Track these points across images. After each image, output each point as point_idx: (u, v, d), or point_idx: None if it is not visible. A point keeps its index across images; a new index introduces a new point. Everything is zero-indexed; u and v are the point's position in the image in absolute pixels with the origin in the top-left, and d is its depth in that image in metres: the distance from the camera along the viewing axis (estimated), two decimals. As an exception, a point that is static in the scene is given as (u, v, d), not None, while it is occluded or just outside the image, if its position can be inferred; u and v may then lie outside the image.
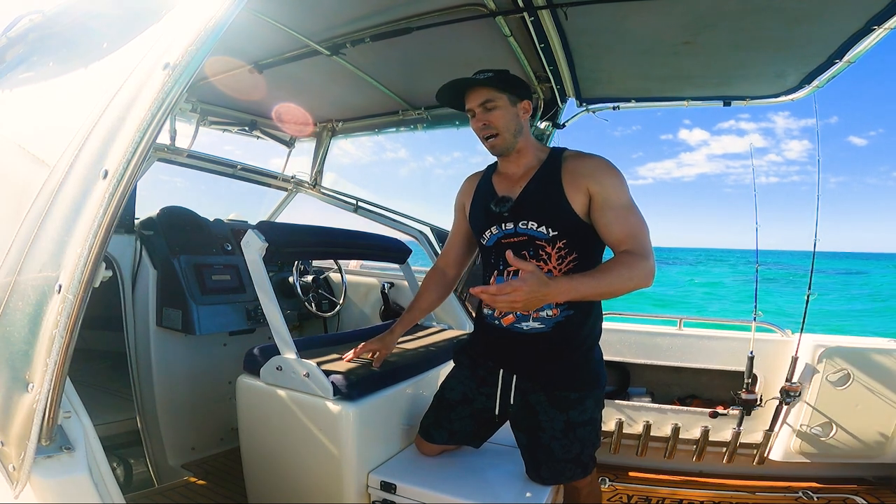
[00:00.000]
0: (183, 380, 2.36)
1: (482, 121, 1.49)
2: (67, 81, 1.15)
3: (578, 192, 1.43)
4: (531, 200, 1.49)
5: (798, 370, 2.44)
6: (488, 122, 1.48)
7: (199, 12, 0.79)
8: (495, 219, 1.53)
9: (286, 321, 1.64)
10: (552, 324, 1.47)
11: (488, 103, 1.48)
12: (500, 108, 1.48)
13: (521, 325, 1.49)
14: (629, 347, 2.75)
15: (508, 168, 1.59)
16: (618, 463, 2.71)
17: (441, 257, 1.87)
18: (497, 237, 1.53)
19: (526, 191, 1.50)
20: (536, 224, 1.46)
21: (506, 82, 1.50)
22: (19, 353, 0.85)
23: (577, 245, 1.45)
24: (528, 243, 1.48)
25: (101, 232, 0.76)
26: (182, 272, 2.30)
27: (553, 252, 1.45)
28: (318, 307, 3.00)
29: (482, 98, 1.48)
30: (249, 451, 1.76)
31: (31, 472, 0.79)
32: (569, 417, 1.48)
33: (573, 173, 1.46)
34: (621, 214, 1.40)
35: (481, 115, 1.49)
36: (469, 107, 1.52)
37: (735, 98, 2.42)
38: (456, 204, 1.78)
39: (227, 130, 3.22)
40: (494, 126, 1.48)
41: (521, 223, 1.49)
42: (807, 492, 2.40)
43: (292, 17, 2.03)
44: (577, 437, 1.49)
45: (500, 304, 1.20)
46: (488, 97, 1.48)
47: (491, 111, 1.48)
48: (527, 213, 1.48)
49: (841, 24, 1.74)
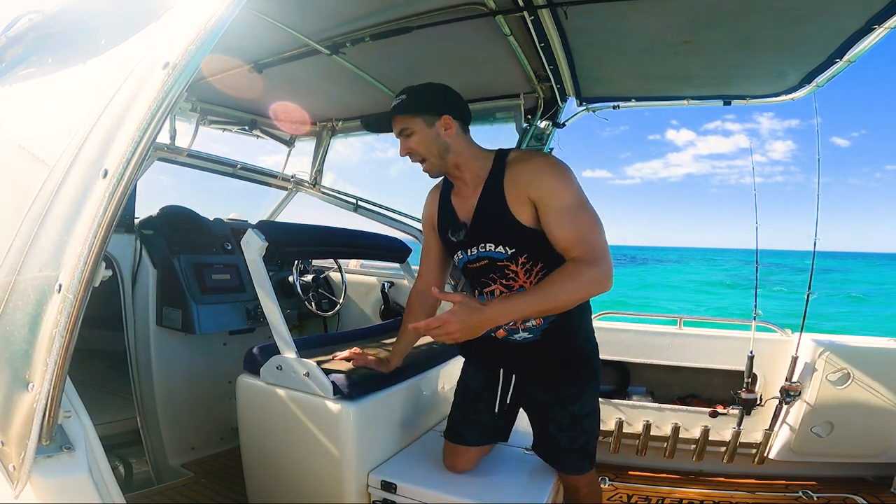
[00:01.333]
0: (183, 379, 2.36)
1: (405, 149, 1.44)
2: (67, 81, 1.15)
3: (522, 203, 1.37)
4: (483, 222, 1.44)
5: (798, 370, 2.44)
6: (410, 149, 1.43)
7: (198, 11, 0.79)
8: (457, 246, 1.51)
9: (286, 321, 1.64)
10: (539, 332, 1.48)
11: (405, 131, 1.43)
12: (417, 134, 1.42)
13: (513, 336, 1.50)
14: (629, 347, 2.75)
15: (458, 185, 1.52)
16: (618, 462, 2.71)
17: (419, 279, 1.74)
18: (463, 262, 1.52)
19: (477, 210, 1.45)
20: (493, 245, 1.43)
21: (415, 106, 1.42)
22: (19, 353, 0.85)
23: (540, 255, 1.40)
24: (491, 266, 1.45)
25: (101, 231, 0.76)
26: (182, 271, 2.30)
27: (518, 269, 1.43)
28: (318, 306, 3.00)
29: (399, 127, 1.44)
30: (249, 450, 1.76)
31: (32, 472, 0.79)
32: (573, 411, 1.50)
33: (514, 182, 1.39)
34: (566, 218, 1.31)
35: (403, 142, 1.44)
36: (395, 135, 1.48)
37: (735, 97, 2.42)
38: (424, 222, 1.69)
39: (227, 130, 3.22)
40: (417, 153, 1.43)
41: (480, 246, 1.46)
42: (807, 491, 2.40)
43: (292, 17, 2.03)
44: (584, 428, 1.51)
45: (437, 338, 1.20)
46: (403, 126, 1.43)
47: (409, 138, 1.43)
48: (482, 237, 1.45)
49: (841, 24, 1.74)
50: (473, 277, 1.51)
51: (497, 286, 1.47)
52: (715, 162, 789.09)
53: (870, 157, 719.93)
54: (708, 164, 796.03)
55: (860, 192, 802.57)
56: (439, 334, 1.18)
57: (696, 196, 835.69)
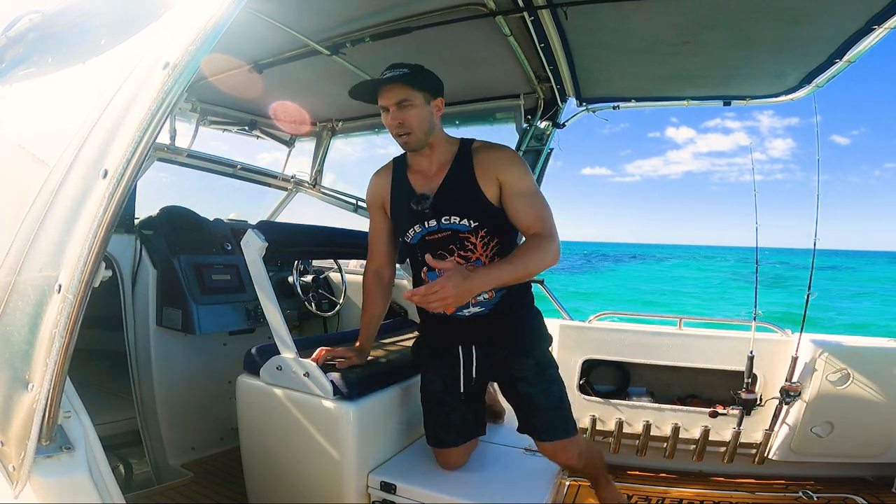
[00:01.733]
0: (183, 379, 2.36)
1: (398, 119, 1.48)
2: (67, 81, 1.15)
3: (490, 183, 1.50)
4: (450, 195, 1.53)
5: (798, 370, 2.44)
6: (403, 121, 1.48)
7: (199, 12, 0.79)
8: (417, 217, 1.56)
9: (286, 321, 1.64)
10: (490, 305, 1.56)
11: (404, 102, 1.47)
12: (416, 108, 1.48)
13: (462, 312, 1.57)
14: (629, 347, 2.75)
15: (421, 164, 1.60)
16: (618, 462, 2.71)
17: (371, 260, 1.79)
18: (421, 234, 1.57)
19: (443, 186, 1.54)
20: (458, 218, 1.52)
21: (423, 81, 1.50)
22: (19, 353, 0.85)
23: (497, 231, 1.53)
24: (452, 237, 1.53)
25: (100, 231, 0.76)
26: (182, 272, 2.30)
27: (478, 241, 1.53)
28: (318, 307, 2.99)
29: (398, 97, 1.47)
30: (249, 450, 1.76)
31: (31, 472, 0.79)
32: (536, 360, 1.59)
33: (483, 165, 1.52)
34: (529, 201, 1.49)
35: (396, 112, 1.48)
36: (383, 104, 1.50)
37: (735, 98, 2.42)
38: (370, 203, 1.73)
39: (227, 130, 3.22)
40: (409, 125, 1.48)
41: (444, 219, 1.53)
42: (807, 491, 2.40)
43: (292, 17, 2.03)
44: (551, 378, 1.59)
45: (433, 305, 1.24)
46: (405, 96, 1.47)
47: (405, 109, 1.47)
48: (447, 209, 1.52)
49: (841, 24, 1.74)
50: (430, 250, 1.51)
51: (454, 258, 1.53)
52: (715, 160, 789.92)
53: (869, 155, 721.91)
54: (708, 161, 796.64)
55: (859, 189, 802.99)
56: (435, 299, 1.23)
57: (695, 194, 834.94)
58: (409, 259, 1.70)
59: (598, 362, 2.81)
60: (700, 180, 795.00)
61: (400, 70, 1.47)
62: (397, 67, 1.48)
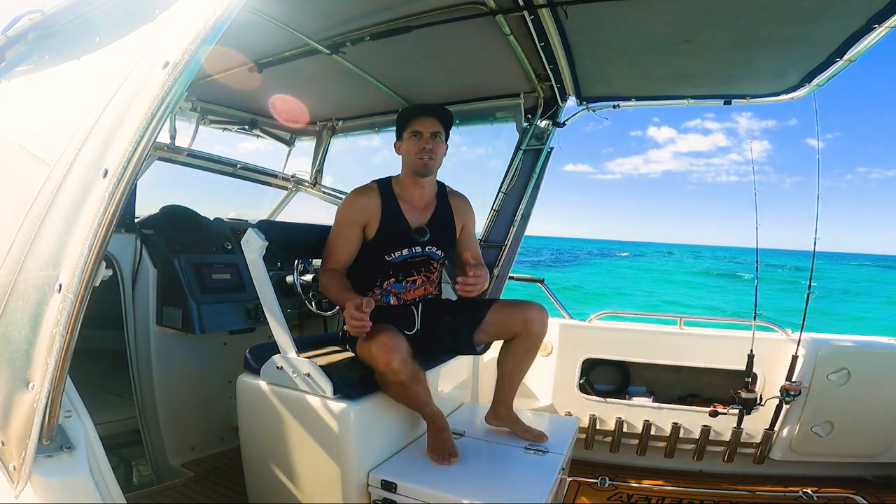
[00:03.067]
0: (183, 379, 2.36)
1: (430, 146, 1.81)
2: (67, 80, 1.15)
3: (459, 224, 2.00)
4: (439, 231, 1.91)
5: (798, 369, 2.44)
6: (434, 150, 1.82)
7: (198, 11, 0.79)
8: (409, 242, 1.85)
9: (286, 320, 1.64)
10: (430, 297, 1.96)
11: (440, 135, 1.85)
12: (442, 143, 1.87)
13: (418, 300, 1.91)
14: (629, 346, 2.75)
15: (413, 194, 1.90)
16: (618, 462, 2.71)
17: (333, 262, 1.83)
18: (406, 256, 1.86)
19: (432, 222, 1.91)
20: (437, 248, 1.92)
21: (450, 124, 1.90)
22: (20, 353, 0.85)
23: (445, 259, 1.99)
24: (424, 262, 1.90)
25: (101, 231, 0.76)
26: (182, 271, 2.30)
27: (437, 266, 1.96)
28: (319, 306, 2.99)
29: (435, 128, 1.83)
30: (250, 450, 1.76)
31: (32, 472, 0.79)
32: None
33: (458, 209, 2.00)
34: (474, 241, 2.10)
35: (430, 141, 1.81)
36: (420, 129, 1.82)
37: (735, 97, 2.42)
38: (352, 218, 1.84)
39: (227, 129, 3.21)
40: (436, 154, 1.84)
41: (428, 248, 1.89)
42: (807, 491, 2.40)
43: (292, 16, 2.03)
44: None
45: (470, 290, 1.63)
46: (439, 130, 1.84)
47: (437, 140, 1.83)
48: (435, 242, 1.90)
49: (841, 23, 1.74)
50: (404, 269, 1.87)
51: (420, 276, 1.90)
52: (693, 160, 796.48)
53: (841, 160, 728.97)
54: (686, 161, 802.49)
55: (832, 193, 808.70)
56: (477, 283, 1.63)
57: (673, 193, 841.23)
58: (368, 268, 1.87)
59: (598, 361, 2.81)
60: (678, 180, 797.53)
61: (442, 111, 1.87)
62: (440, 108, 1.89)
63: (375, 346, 1.55)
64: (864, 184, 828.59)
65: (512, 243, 2.62)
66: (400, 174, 1.93)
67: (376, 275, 1.86)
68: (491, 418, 1.96)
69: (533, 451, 1.76)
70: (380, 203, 1.84)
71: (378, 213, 1.83)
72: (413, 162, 1.83)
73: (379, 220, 1.83)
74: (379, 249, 1.84)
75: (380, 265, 1.85)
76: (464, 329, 1.87)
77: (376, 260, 1.85)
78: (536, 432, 1.87)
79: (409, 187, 1.89)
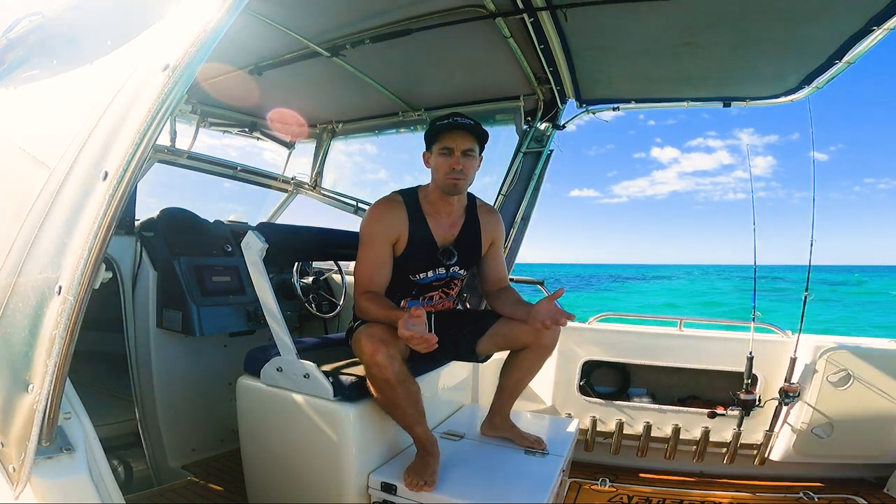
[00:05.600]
0: (183, 381, 2.36)
1: (461, 164, 1.65)
2: (67, 83, 1.16)
3: (487, 242, 1.85)
4: (465, 251, 1.80)
5: (797, 370, 2.44)
6: (464, 168, 1.66)
7: (198, 14, 0.80)
8: (436, 264, 1.76)
9: (286, 322, 1.64)
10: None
11: (471, 151, 1.66)
12: (475, 160, 1.70)
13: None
14: (629, 348, 2.75)
15: (440, 210, 1.76)
16: (618, 464, 2.70)
17: (374, 286, 1.69)
18: (434, 278, 1.78)
19: (460, 240, 1.79)
20: (460, 268, 1.82)
21: (484, 139, 1.71)
22: (20, 355, 0.85)
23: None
24: (448, 281, 1.83)
25: (101, 233, 0.76)
26: (182, 273, 2.30)
27: (459, 284, 1.89)
28: (319, 308, 2.99)
29: (467, 145, 1.65)
30: (250, 452, 1.76)
31: (32, 473, 0.79)
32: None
33: (486, 226, 1.84)
34: (502, 259, 1.94)
35: (460, 158, 1.65)
36: (450, 145, 1.64)
37: (735, 99, 2.42)
38: (384, 234, 1.70)
39: (227, 132, 3.22)
40: (466, 172, 1.67)
41: (453, 269, 1.80)
42: (807, 492, 2.40)
43: (292, 19, 2.03)
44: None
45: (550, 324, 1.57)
46: (472, 147, 1.66)
47: (469, 158, 1.67)
48: (460, 263, 1.80)
49: (841, 25, 1.74)
50: (427, 287, 1.80)
51: (439, 293, 1.86)
52: (699, 179, 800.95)
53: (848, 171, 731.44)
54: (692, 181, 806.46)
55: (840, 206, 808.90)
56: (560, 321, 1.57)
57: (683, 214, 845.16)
58: (390, 285, 1.73)
59: (598, 363, 2.81)
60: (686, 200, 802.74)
61: (468, 121, 1.65)
62: (465, 117, 1.65)
63: (365, 335, 1.48)
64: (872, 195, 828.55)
65: (512, 245, 2.62)
66: (428, 187, 1.78)
67: (397, 292, 1.77)
68: (487, 429, 1.90)
69: (533, 452, 1.76)
70: (406, 218, 1.72)
71: (406, 230, 1.71)
72: (442, 181, 1.68)
73: (407, 238, 1.71)
74: (405, 267, 1.75)
75: (404, 284, 1.77)
76: (468, 337, 1.81)
77: (401, 278, 1.75)
78: (534, 438, 1.82)
79: (437, 203, 1.76)
